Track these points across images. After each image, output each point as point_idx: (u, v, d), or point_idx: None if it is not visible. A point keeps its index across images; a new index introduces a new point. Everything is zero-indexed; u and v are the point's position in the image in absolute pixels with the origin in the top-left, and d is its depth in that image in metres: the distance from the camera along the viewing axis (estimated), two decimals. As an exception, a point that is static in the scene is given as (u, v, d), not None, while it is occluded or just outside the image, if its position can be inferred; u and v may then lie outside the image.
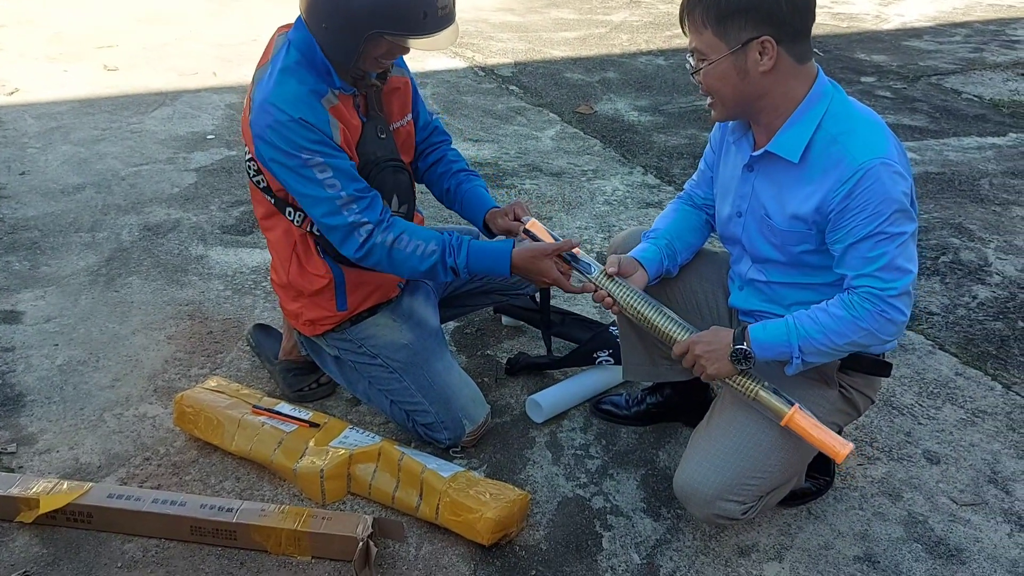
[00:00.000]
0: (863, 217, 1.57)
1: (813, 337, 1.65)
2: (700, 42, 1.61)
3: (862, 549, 1.89)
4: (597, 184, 3.73)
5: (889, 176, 1.55)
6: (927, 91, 5.12)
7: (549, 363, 2.41)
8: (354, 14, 1.77)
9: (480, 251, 1.94)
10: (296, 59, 1.86)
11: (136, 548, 1.82)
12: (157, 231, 3.17)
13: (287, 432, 2.01)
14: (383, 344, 2.09)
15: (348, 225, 1.88)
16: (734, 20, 1.55)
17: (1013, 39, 6.31)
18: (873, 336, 1.63)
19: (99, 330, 2.57)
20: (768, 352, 1.68)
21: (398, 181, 2.03)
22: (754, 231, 1.77)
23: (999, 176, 3.92)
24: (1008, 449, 2.20)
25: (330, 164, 1.85)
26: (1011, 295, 2.93)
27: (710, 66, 1.61)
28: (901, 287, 1.59)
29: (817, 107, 1.62)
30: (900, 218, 1.57)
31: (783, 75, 1.60)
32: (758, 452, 1.73)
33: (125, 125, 4.18)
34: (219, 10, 6.33)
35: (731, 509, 1.72)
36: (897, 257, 1.58)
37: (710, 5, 1.57)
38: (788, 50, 1.58)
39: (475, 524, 1.80)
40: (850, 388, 1.81)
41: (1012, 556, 1.88)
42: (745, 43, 1.56)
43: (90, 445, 2.11)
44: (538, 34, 6.07)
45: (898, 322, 1.62)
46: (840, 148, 1.59)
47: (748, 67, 1.59)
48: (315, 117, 1.83)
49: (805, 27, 1.59)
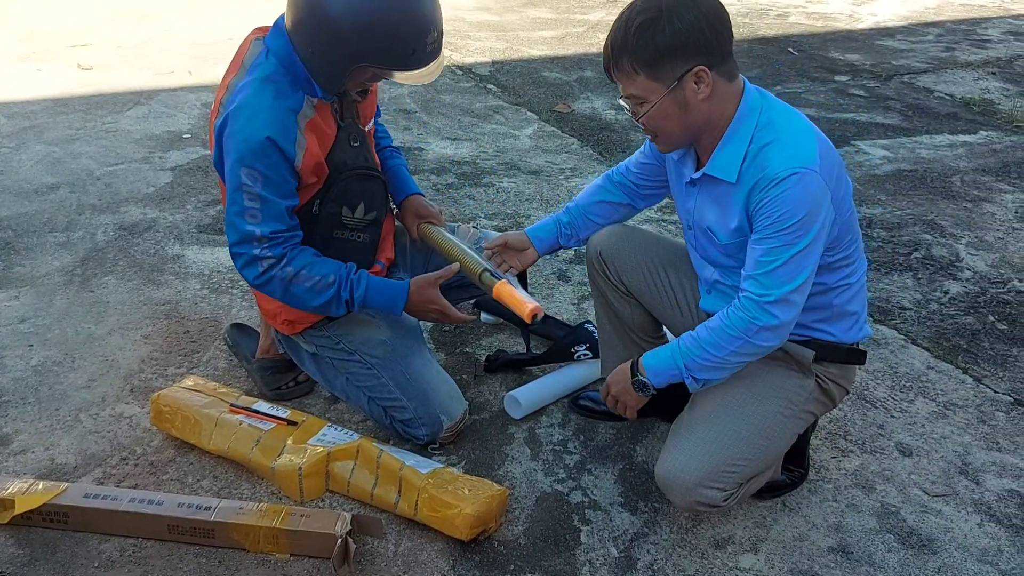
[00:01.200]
0: (768, 223, 1.60)
1: (694, 354, 1.71)
2: (635, 88, 1.63)
3: (836, 540, 1.92)
4: (575, 182, 3.75)
5: (803, 184, 1.57)
6: (900, 90, 5.18)
7: (528, 360, 2.42)
8: (344, 45, 1.76)
9: (378, 288, 1.98)
10: (275, 68, 1.84)
11: (113, 548, 1.81)
12: (133, 231, 3.15)
13: (265, 430, 2.01)
14: (361, 340, 2.09)
15: (252, 257, 1.89)
16: (664, 60, 1.58)
17: (984, 39, 6.39)
18: (748, 343, 1.66)
19: (74, 330, 2.55)
20: (662, 377, 1.76)
21: (365, 188, 2.03)
22: (704, 242, 1.82)
23: (970, 173, 3.97)
24: (978, 441, 2.24)
25: (262, 196, 1.84)
26: (982, 290, 2.98)
27: (652, 108, 1.63)
28: (778, 294, 1.62)
29: (747, 123, 1.65)
30: (802, 227, 1.58)
31: (720, 97, 1.64)
32: (739, 440, 1.76)
33: (100, 124, 4.14)
34: (195, 8, 6.28)
35: (713, 496, 1.74)
36: (785, 266, 1.61)
37: (637, 52, 1.58)
38: (720, 73, 1.62)
39: (454, 520, 1.81)
40: (826, 379, 1.84)
41: (982, 545, 1.92)
42: (680, 78, 1.59)
43: (66, 445, 2.10)
44: (515, 33, 6.08)
45: (771, 326, 1.64)
46: (763, 158, 1.62)
47: (688, 99, 1.62)
48: (284, 138, 1.82)
49: (728, 47, 1.63)
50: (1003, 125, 4.63)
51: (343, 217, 2.00)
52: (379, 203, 2.09)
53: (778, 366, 1.82)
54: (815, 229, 1.60)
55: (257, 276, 1.91)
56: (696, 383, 1.74)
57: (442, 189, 3.61)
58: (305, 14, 1.78)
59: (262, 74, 1.84)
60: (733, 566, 1.85)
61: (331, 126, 1.93)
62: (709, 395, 1.83)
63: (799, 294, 1.64)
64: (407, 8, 1.77)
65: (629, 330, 2.11)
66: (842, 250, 1.72)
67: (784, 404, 1.80)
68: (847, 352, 1.85)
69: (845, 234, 1.71)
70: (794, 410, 1.82)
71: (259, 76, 1.84)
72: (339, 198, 1.98)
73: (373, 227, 2.08)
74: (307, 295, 1.93)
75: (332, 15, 1.74)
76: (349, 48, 1.76)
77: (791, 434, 1.85)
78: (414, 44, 1.78)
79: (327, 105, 1.91)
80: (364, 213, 2.04)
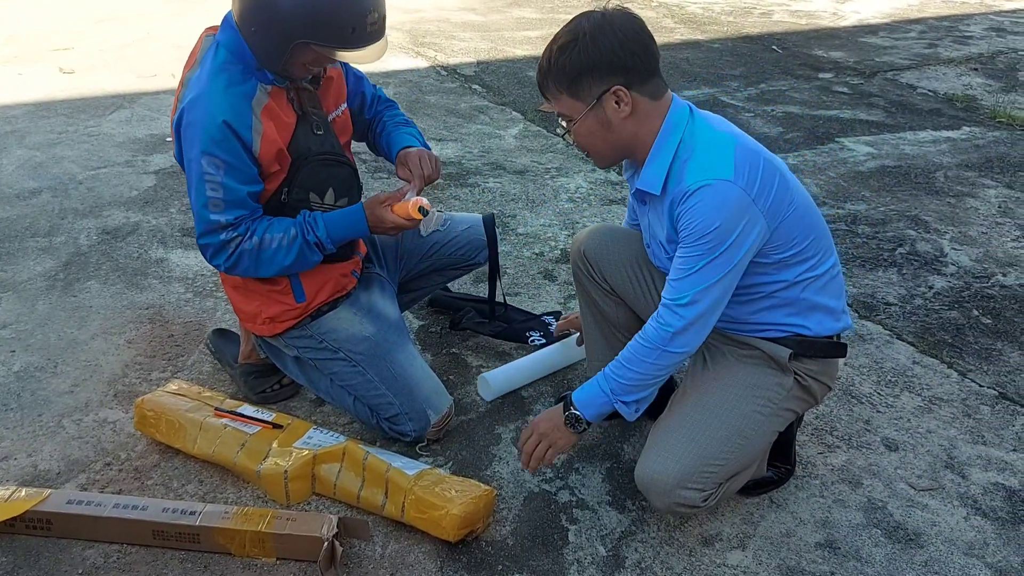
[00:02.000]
0: (685, 233, 1.64)
1: (616, 375, 1.73)
2: (561, 107, 1.70)
3: (823, 536, 1.92)
4: (560, 182, 3.75)
5: (714, 194, 1.60)
6: (883, 86, 5.21)
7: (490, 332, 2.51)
8: (283, 21, 1.76)
9: (336, 218, 1.98)
10: (225, 59, 1.86)
11: (97, 554, 1.80)
12: (116, 235, 3.13)
13: (250, 434, 2.00)
14: (345, 337, 2.09)
15: (220, 243, 1.91)
16: (582, 80, 1.64)
17: (966, 35, 6.43)
18: (664, 352, 1.68)
19: (57, 335, 2.53)
20: (592, 408, 1.76)
21: (333, 174, 2.02)
22: (662, 257, 1.84)
23: (953, 169, 3.99)
24: (964, 435, 2.25)
25: (224, 185, 1.86)
26: (966, 285, 2.99)
27: (576, 126, 1.70)
28: (689, 296, 1.64)
29: (671, 138, 1.68)
30: (715, 235, 1.60)
31: (644, 115, 1.68)
32: (716, 440, 1.76)
33: (82, 128, 4.11)
34: (178, 11, 6.25)
35: (691, 497, 1.74)
36: (698, 272, 1.63)
37: (557, 74, 1.65)
38: (641, 91, 1.66)
39: (441, 521, 1.80)
40: (806, 376, 1.84)
41: (968, 539, 1.93)
42: (599, 97, 1.64)
43: (49, 451, 2.08)
44: (500, 33, 6.08)
45: (679, 328, 1.66)
46: (682, 171, 1.65)
47: (609, 117, 1.67)
48: (239, 122, 1.83)
49: (650, 67, 1.66)
50: (985, 121, 4.66)
51: (312, 203, 2.00)
52: (350, 189, 2.08)
53: (756, 365, 1.82)
54: (732, 237, 1.61)
55: (227, 259, 1.93)
56: (627, 407, 1.74)
57: (427, 190, 3.60)
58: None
59: (213, 65, 1.86)
60: (721, 563, 1.85)
61: (289, 114, 1.93)
62: (687, 397, 1.84)
63: (708, 295, 1.65)
64: None
65: (614, 328, 2.11)
66: (794, 246, 1.72)
67: (762, 403, 1.80)
68: (825, 346, 1.85)
69: (795, 232, 1.72)
70: (773, 408, 1.82)
71: (211, 67, 1.86)
72: (306, 184, 1.97)
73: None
74: (277, 255, 1.94)
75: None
76: (288, 24, 1.76)
77: (771, 433, 1.85)
78: (353, 23, 1.78)
79: (282, 92, 1.92)
80: (335, 199, 2.03)
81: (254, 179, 1.90)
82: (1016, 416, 2.33)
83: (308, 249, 1.96)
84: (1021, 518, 1.99)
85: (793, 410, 1.87)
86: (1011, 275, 3.06)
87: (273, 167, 1.92)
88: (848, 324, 1.88)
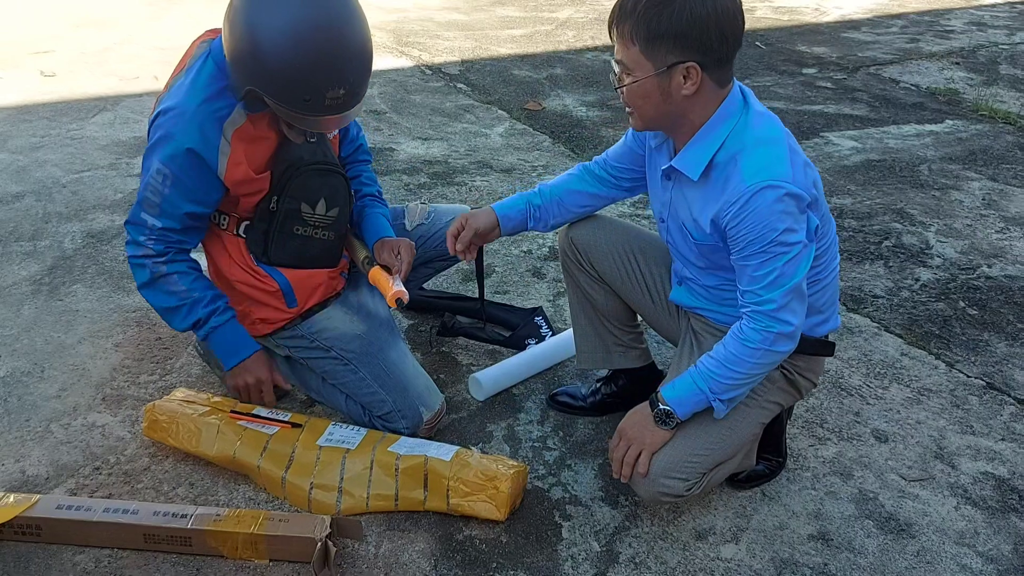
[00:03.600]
0: (750, 238, 1.60)
1: (716, 374, 1.70)
2: (627, 56, 1.62)
3: (816, 528, 1.93)
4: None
5: (776, 197, 1.57)
6: (867, 81, 5.23)
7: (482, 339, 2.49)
8: (242, 62, 1.72)
9: (231, 330, 2.02)
10: (211, 72, 1.83)
11: (88, 559, 1.78)
12: (101, 238, 3.10)
13: (270, 435, 1.98)
14: (336, 336, 2.08)
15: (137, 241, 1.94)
16: (663, 42, 1.56)
17: (947, 29, 6.47)
18: (768, 352, 1.67)
19: (43, 340, 2.51)
20: (686, 405, 1.74)
21: (326, 183, 2.00)
22: (677, 237, 1.82)
23: (937, 162, 4.02)
24: (953, 425, 2.26)
25: (165, 195, 1.86)
26: (952, 276, 3.01)
27: (634, 83, 1.62)
28: (780, 299, 1.63)
29: (722, 127, 1.64)
30: (786, 236, 1.59)
31: (704, 99, 1.63)
32: (700, 430, 1.77)
33: (65, 132, 4.08)
34: (158, 13, 6.21)
35: (675, 486, 1.74)
36: (781, 276, 1.61)
37: (640, 22, 1.56)
38: (711, 76, 1.60)
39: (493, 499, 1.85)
40: (792, 371, 1.85)
41: (959, 528, 1.94)
42: (671, 66, 1.58)
43: (37, 457, 2.06)
44: (484, 32, 6.07)
45: (787, 333, 1.65)
46: (733, 167, 1.62)
47: (671, 89, 1.61)
48: (204, 146, 1.81)
49: (730, 54, 1.61)
50: (968, 114, 4.69)
51: (303, 213, 1.98)
52: (341, 199, 2.06)
53: None
54: (800, 234, 1.60)
55: (135, 256, 1.96)
56: (723, 405, 1.73)
57: (414, 189, 3.59)
58: (228, 17, 1.75)
59: (196, 77, 1.84)
60: (715, 557, 1.85)
61: (269, 133, 1.90)
62: None
63: (795, 293, 1.64)
64: (321, 55, 1.69)
65: (603, 318, 2.10)
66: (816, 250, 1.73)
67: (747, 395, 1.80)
68: (815, 344, 1.86)
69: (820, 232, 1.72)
70: (758, 401, 1.83)
71: (193, 79, 1.84)
72: (298, 194, 1.95)
73: (337, 224, 2.06)
74: (165, 297, 1.97)
75: (245, 28, 1.69)
76: (246, 68, 1.72)
77: (755, 424, 1.85)
78: (309, 93, 1.71)
79: (264, 115, 1.88)
80: (326, 209, 2.01)
81: (201, 201, 1.89)
82: (1004, 405, 2.35)
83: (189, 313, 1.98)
84: (1011, 506, 2.00)
85: (778, 403, 1.88)
86: (996, 266, 3.08)
87: (244, 188, 1.90)
88: (838, 324, 1.89)
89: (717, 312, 1.87)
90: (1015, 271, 3.05)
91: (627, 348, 2.15)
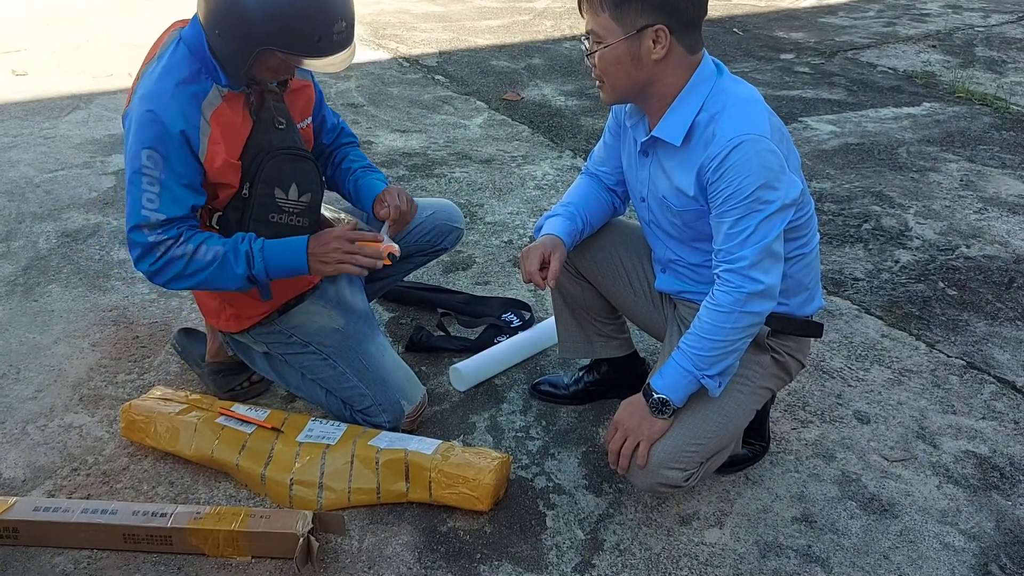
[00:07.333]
0: (728, 192, 1.61)
1: (696, 348, 1.69)
2: (596, 24, 1.63)
3: (799, 510, 1.93)
4: (527, 169, 3.73)
5: (755, 151, 1.58)
6: (844, 65, 5.24)
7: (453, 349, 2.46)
8: (248, 27, 1.72)
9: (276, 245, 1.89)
10: (183, 56, 1.81)
11: (67, 561, 1.76)
12: (76, 237, 3.06)
13: (249, 433, 1.96)
14: (314, 331, 2.06)
15: (147, 245, 1.84)
16: (631, 5, 1.58)
17: (923, 12, 6.49)
18: (743, 316, 1.65)
19: (18, 341, 2.47)
20: (678, 390, 1.72)
21: (296, 169, 1.96)
22: (659, 214, 1.81)
23: (915, 144, 4.03)
24: (934, 405, 2.27)
25: (162, 181, 1.80)
26: (931, 258, 3.02)
27: (605, 49, 1.64)
28: (752, 256, 1.62)
29: (699, 92, 1.66)
30: (764, 192, 1.59)
31: (673, 64, 1.64)
32: (697, 420, 1.75)
33: (37, 131, 4.02)
34: (128, 9, 6.14)
35: (674, 476, 1.74)
36: (755, 233, 1.61)
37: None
38: (680, 40, 1.62)
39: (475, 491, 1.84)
40: (782, 352, 1.84)
41: (941, 507, 1.95)
42: (640, 29, 1.60)
43: (13, 459, 2.03)
44: (462, 23, 6.04)
45: (759, 291, 1.64)
46: (714, 126, 1.63)
47: (641, 54, 1.62)
48: (187, 125, 1.79)
49: (697, 18, 1.63)
50: (945, 96, 4.71)
51: (277, 199, 1.95)
52: (313, 185, 2.03)
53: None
54: (778, 193, 1.60)
55: (154, 263, 1.85)
56: (713, 381, 1.71)
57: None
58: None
59: (169, 61, 1.82)
60: (699, 541, 1.85)
61: (244, 119, 1.88)
62: None
63: (770, 251, 1.63)
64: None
65: (584, 311, 2.10)
66: (794, 220, 1.73)
67: (740, 381, 1.80)
68: (803, 324, 1.86)
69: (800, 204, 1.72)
70: (751, 387, 1.82)
71: (166, 63, 1.82)
72: (270, 179, 1.92)
73: (311, 211, 2.03)
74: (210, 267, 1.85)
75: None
76: (254, 30, 1.73)
77: (749, 411, 1.85)
78: (320, 31, 1.74)
79: (240, 98, 1.87)
80: (299, 195, 1.99)
81: (194, 185, 1.85)
82: (984, 384, 2.36)
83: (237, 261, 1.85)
84: (992, 484, 2.01)
85: (769, 388, 1.88)
86: (975, 247, 3.09)
87: (220, 177, 1.86)
88: (822, 304, 1.89)
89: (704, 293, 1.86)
90: (993, 251, 3.07)
91: (609, 338, 2.15)
